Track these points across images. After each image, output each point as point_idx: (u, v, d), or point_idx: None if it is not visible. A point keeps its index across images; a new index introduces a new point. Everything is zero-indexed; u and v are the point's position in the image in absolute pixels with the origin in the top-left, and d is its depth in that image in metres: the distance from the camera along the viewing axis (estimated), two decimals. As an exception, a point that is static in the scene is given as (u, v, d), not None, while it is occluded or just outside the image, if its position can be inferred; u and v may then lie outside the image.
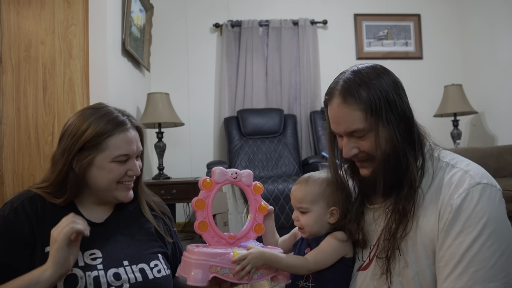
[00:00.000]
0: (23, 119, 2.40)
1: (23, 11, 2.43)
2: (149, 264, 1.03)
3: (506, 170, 2.81)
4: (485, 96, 3.79)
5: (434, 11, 4.16)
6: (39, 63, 2.43)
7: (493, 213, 0.81)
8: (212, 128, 3.93)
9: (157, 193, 2.98)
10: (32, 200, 1.00)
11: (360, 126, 0.87)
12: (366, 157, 0.92)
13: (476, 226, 0.80)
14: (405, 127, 0.88)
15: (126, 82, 3.03)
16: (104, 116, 1.01)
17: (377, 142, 0.87)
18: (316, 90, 3.88)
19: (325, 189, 0.98)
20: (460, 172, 0.86)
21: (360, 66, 0.92)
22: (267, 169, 3.46)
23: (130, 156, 1.03)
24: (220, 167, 1.00)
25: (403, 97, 0.90)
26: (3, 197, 2.29)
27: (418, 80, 4.00)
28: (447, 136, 3.74)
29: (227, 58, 3.86)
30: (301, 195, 0.99)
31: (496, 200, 0.83)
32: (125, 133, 1.02)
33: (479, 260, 0.79)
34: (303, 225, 0.99)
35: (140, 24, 3.32)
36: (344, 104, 0.88)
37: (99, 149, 0.99)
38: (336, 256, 0.95)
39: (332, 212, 0.98)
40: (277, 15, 3.96)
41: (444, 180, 0.87)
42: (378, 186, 0.90)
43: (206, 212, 0.95)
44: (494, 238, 0.80)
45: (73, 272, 0.93)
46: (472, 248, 0.80)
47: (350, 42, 4.08)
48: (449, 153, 0.94)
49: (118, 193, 1.04)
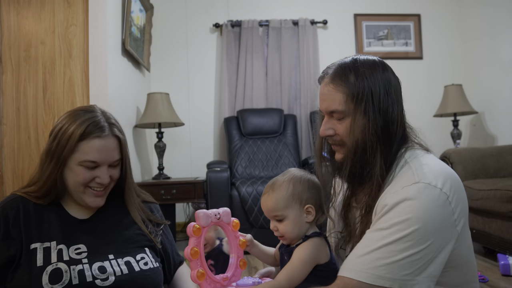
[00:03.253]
0: (23, 119, 2.40)
1: (23, 11, 2.43)
2: (135, 257, 1.04)
3: (506, 170, 2.81)
4: (485, 96, 3.79)
5: (434, 11, 4.16)
6: (39, 63, 2.43)
7: (424, 213, 0.80)
8: (212, 128, 3.93)
9: (157, 193, 3.01)
10: (13, 202, 1.03)
11: (339, 108, 0.91)
12: (340, 141, 0.94)
13: (401, 219, 0.80)
14: (383, 123, 0.89)
15: (126, 82, 3.03)
16: (86, 120, 1.02)
17: (351, 128, 0.90)
18: (316, 90, 3.87)
19: (293, 189, 0.96)
20: (409, 170, 0.87)
21: (361, 56, 0.96)
22: (267, 169, 3.46)
23: (98, 163, 1.01)
24: (203, 210, 0.97)
25: (392, 95, 0.91)
26: (2, 197, 2.28)
27: (418, 80, 4.00)
28: (447, 136, 3.74)
29: (227, 58, 3.86)
30: (271, 203, 0.96)
31: (432, 201, 0.81)
32: (98, 140, 1.01)
33: (388, 250, 0.80)
34: (283, 233, 0.96)
35: (140, 24, 3.32)
36: (331, 83, 0.92)
37: (72, 150, 1.00)
38: (308, 267, 0.92)
39: (307, 211, 0.96)
40: (277, 15, 3.96)
41: (396, 178, 0.89)
42: (344, 171, 0.94)
43: (200, 261, 0.93)
44: (414, 237, 0.79)
45: (58, 267, 0.95)
46: (388, 238, 0.80)
47: (350, 42, 4.08)
48: (414, 152, 0.93)
49: (86, 197, 1.04)
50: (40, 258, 0.96)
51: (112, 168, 1.05)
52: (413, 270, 0.79)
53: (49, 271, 0.94)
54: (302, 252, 0.92)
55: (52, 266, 0.95)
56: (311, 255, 0.92)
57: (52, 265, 0.95)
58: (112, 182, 1.07)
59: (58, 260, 0.96)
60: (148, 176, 3.59)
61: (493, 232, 2.34)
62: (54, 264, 0.95)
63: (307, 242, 0.94)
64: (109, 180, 1.04)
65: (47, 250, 0.98)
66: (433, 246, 0.80)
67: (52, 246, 0.99)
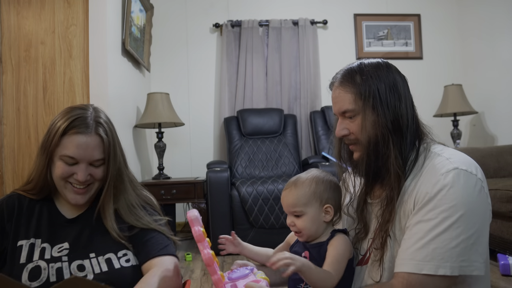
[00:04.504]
0: (23, 119, 2.40)
1: (23, 11, 2.43)
2: (116, 253, 1.03)
3: (506, 170, 2.81)
4: (485, 96, 3.79)
5: (434, 11, 4.16)
6: (39, 63, 2.43)
7: (466, 198, 0.84)
8: (212, 128, 3.93)
9: (157, 193, 3.01)
10: (9, 199, 1.06)
11: (350, 107, 0.96)
12: (355, 140, 0.99)
13: (447, 207, 0.84)
14: (393, 117, 0.94)
15: (126, 82, 3.03)
16: (73, 116, 1.02)
17: (363, 124, 0.95)
18: (316, 90, 3.88)
19: (315, 188, 0.99)
20: (442, 159, 0.91)
21: (366, 60, 1.01)
22: (267, 169, 3.46)
23: (77, 160, 1.01)
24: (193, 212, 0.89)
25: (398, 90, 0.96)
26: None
27: (418, 80, 4.00)
28: (447, 136, 3.74)
29: (227, 58, 3.86)
30: (293, 199, 0.98)
31: (471, 187, 0.85)
32: (79, 136, 1.00)
33: (442, 239, 0.83)
34: (300, 229, 0.98)
35: (140, 24, 3.32)
36: (340, 86, 0.99)
37: (57, 144, 1.01)
38: (346, 261, 0.95)
39: (326, 210, 0.99)
40: (277, 15, 3.96)
41: (427, 167, 0.92)
42: (361, 168, 0.98)
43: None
44: (462, 222, 0.83)
45: (38, 264, 0.96)
46: (438, 227, 0.83)
47: (350, 42, 4.08)
48: (441, 146, 0.98)
49: (66, 193, 1.04)
50: (24, 255, 0.97)
51: (94, 168, 1.04)
52: (468, 256, 0.83)
53: (29, 269, 0.95)
54: (339, 247, 0.95)
55: (33, 264, 0.96)
56: (345, 249, 0.96)
57: (33, 263, 0.96)
58: (96, 181, 1.06)
59: (40, 258, 0.97)
60: (148, 176, 3.59)
61: (493, 232, 2.34)
62: (35, 261, 0.97)
63: (339, 237, 0.97)
64: (87, 178, 1.02)
65: (31, 247, 0.99)
66: (480, 229, 0.85)
67: (37, 243, 1.00)
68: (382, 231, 0.94)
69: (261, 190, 2.89)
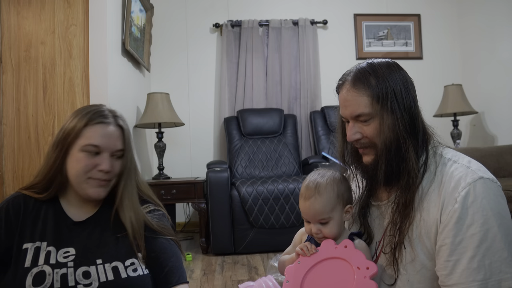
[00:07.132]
0: (23, 119, 2.40)
1: (23, 11, 2.43)
2: (124, 262, 1.01)
3: (506, 170, 2.81)
4: (485, 96, 3.79)
5: (434, 11, 4.16)
6: (39, 63, 2.43)
7: (498, 206, 0.84)
8: (212, 128, 3.93)
9: (157, 193, 3.00)
10: (15, 199, 1.04)
11: (366, 111, 0.92)
12: (368, 143, 0.95)
13: (485, 219, 0.82)
14: (409, 119, 0.92)
15: (126, 82, 3.03)
16: (91, 110, 1.04)
17: (381, 128, 0.92)
18: (316, 90, 3.88)
19: (338, 190, 0.97)
20: (462, 167, 0.89)
21: (375, 60, 0.98)
22: (267, 169, 3.46)
23: (101, 148, 1.01)
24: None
25: (411, 91, 0.95)
26: (3, 197, 2.29)
27: (418, 80, 3.92)
28: (447, 136, 3.74)
29: (227, 58, 3.86)
30: (320, 206, 0.95)
31: (499, 195, 0.86)
32: (102, 126, 1.03)
33: (492, 252, 0.81)
34: (327, 235, 0.96)
35: (140, 24, 3.32)
36: (354, 88, 0.93)
37: (77, 136, 1.01)
38: None
39: (347, 211, 0.98)
40: (277, 15, 3.96)
41: (447, 175, 0.90)
42: (380, 173, 0.94)
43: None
44: (503, 231, 0.82)
45: (43, 269, 0.94)
46: (486, 241, 0.82)
47: (350, 42, 4.08)
48: (452, 151, 0.97)
49: (88, 188, 1.02)
50: (29, 259, 0.96)
51: (114, 159, 1.05)
52: None
53: (34, 273, 0.93)
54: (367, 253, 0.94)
55: (37, 268, 0.94)
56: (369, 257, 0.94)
57: (38, 267, 0.95)
58: (114, 175, 1.05)
59: (45, 262, 0.95)
60: (148, 176, 3.59)
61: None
62: (40, 266, 0.95)
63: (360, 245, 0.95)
64: (111, 168, 1.03)
65: (37, 250, 0.97)
66: None
67: (42, 247, 0.98)
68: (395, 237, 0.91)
69: (261, 190, 2.89)
